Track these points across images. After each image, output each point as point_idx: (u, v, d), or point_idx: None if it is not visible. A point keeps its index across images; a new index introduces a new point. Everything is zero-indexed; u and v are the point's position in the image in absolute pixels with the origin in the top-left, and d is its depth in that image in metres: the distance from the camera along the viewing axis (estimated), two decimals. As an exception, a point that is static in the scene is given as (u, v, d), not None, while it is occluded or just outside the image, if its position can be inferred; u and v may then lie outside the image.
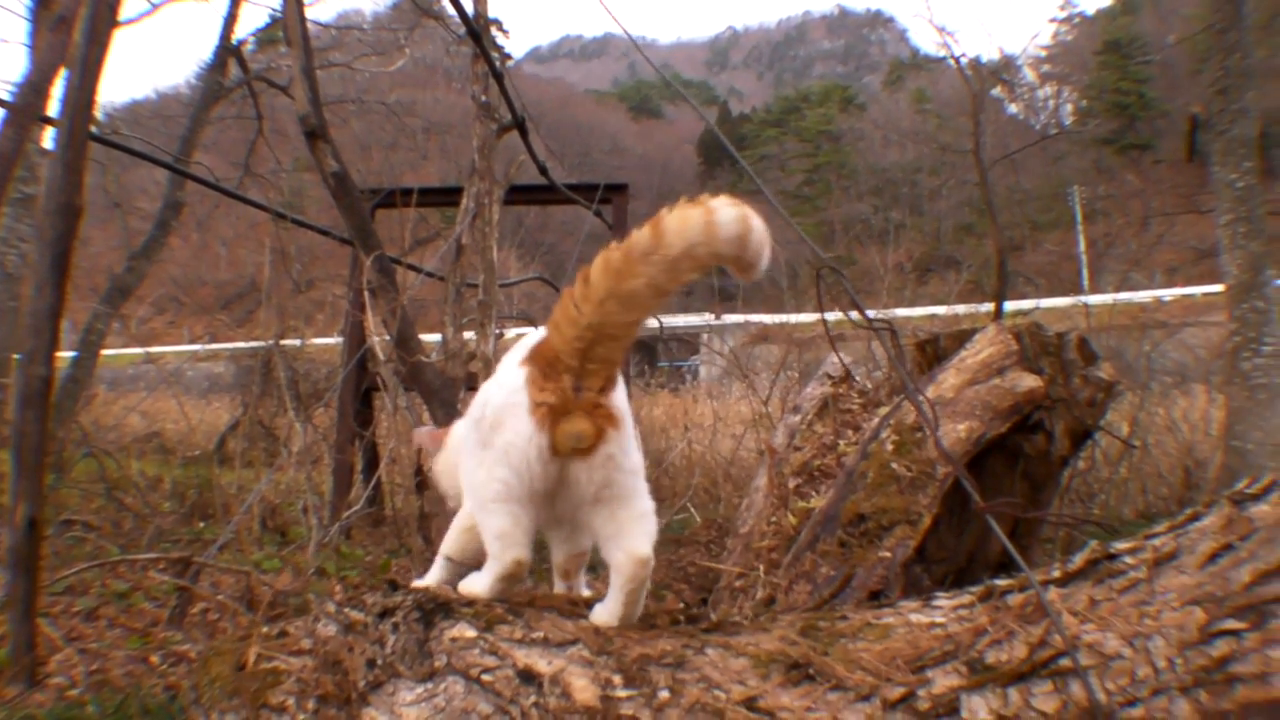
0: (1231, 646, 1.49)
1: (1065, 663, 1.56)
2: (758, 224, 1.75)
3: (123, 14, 3.98)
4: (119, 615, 4.18)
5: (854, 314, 2.68)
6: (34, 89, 6.32)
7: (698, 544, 5.15)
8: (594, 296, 1.80)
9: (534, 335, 2.07)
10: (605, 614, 1.96)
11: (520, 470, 1.89)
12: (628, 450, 1.97)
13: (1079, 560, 1.79)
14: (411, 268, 7.45)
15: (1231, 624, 1.51)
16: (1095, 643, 1.58)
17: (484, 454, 1.95)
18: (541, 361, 1.89)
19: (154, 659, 3.64)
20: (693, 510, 6.20)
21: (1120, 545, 1.77)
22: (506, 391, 1.92)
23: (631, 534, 1.97)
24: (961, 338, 3.48)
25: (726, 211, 1.71)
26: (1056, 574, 1.80)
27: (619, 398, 1.96)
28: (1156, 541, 1.74)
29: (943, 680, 1.60)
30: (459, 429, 2.34)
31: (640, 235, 1.75)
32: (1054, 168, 56.24)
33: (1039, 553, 3.22)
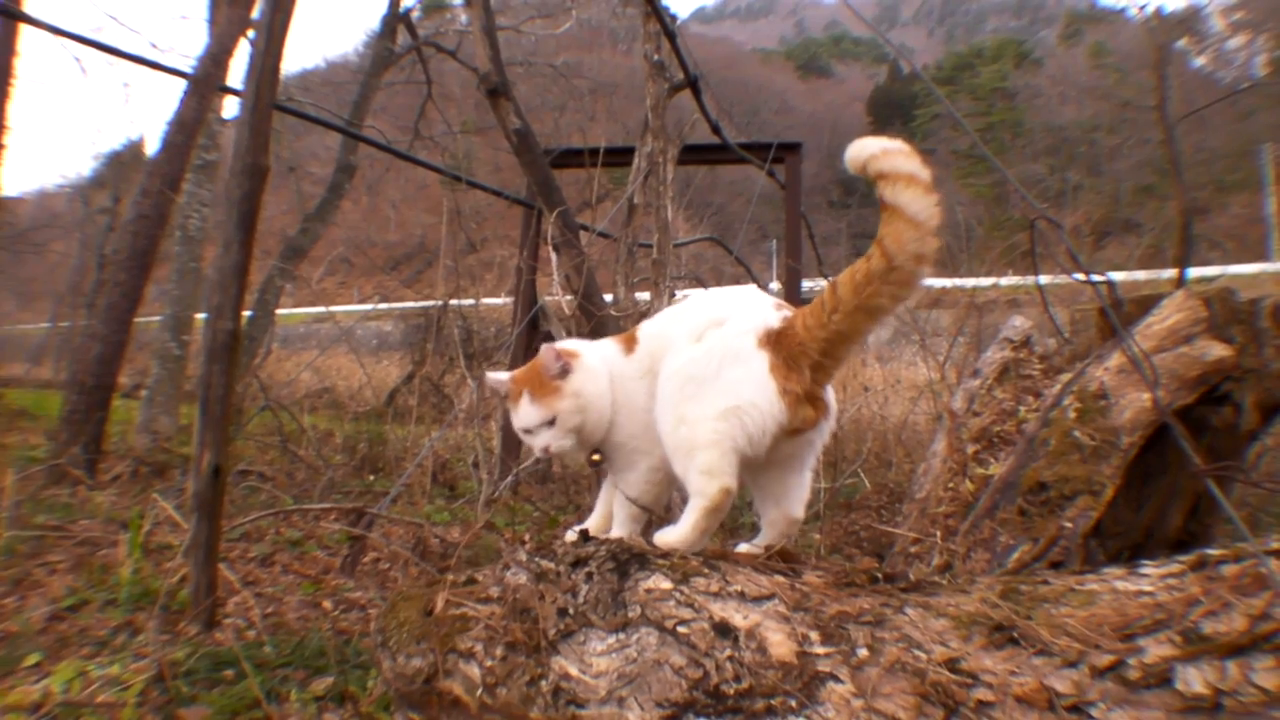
0: None
1: (1290, 637, 1.47)
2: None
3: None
4: (292, 562, 4.30)
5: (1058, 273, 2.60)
6: (214, 60, 6.52)
7: (869, 509, 5.08)
8: (844, 308, 2.12)
9: (704, 299, 2.43)
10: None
11: (755, 436, 2.13)
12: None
13: (1301, 532, 1.69)
14: (583, 227, 7.50)
15: None
16: (1320, 618, 1.48)
17: (700, 406, 2.17)
18: (785, 352, 2.16)
19: (326, 604, 3.75)
20: (862, 475, 6.11)
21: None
22: (754, 372, 2.15)
23: (793, 499, 2.34)
24: (1147, 303, 3.33)
25: (927, 209, 2.02)
26: (1275, 545, 1.68)
27: (830, 390, 2.28)
28: (1390, 516, 1.63)
29: (1155, 649, 1.54)
30: (613, 366, 2.52)
31: (874, 258, 2.07)
32: (1243, 124, 53.49)
33: (1220, 531, 3.08)
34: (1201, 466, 2.12)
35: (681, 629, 1.74)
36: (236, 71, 7.52)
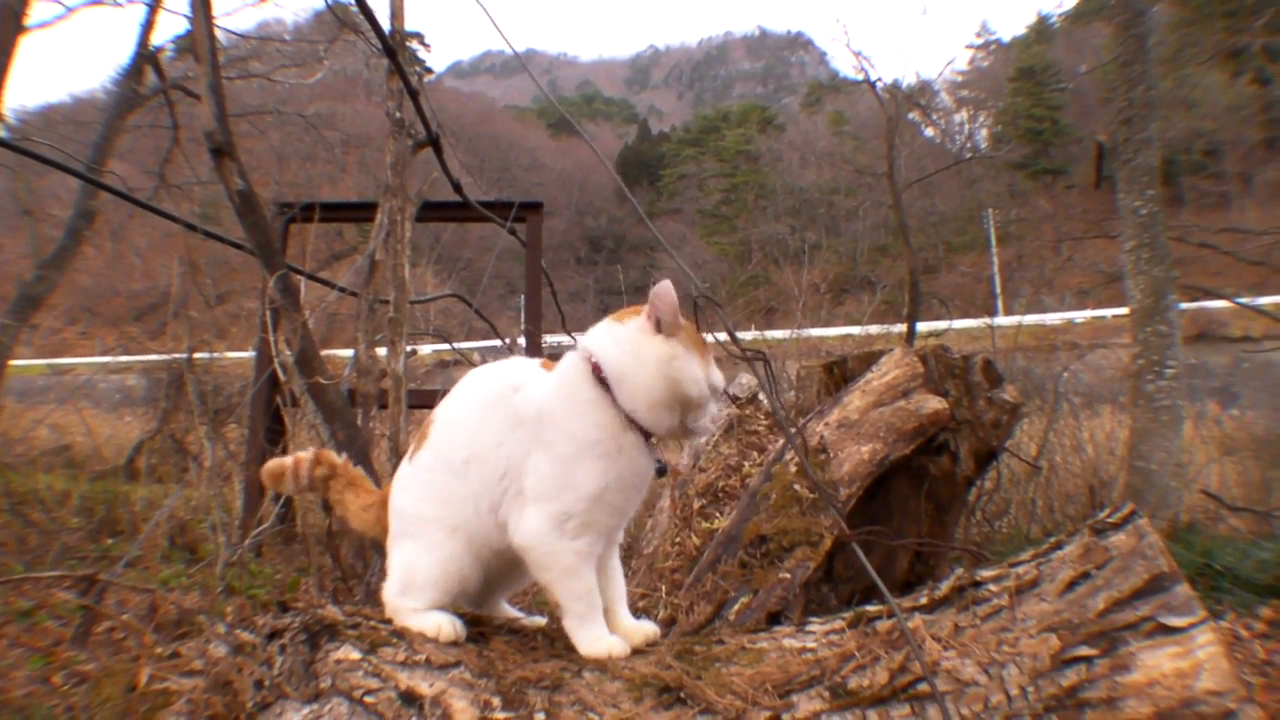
0: (1081, 675, 1.59)
1: (924, 688, 1.64)
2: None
3: (36, 17, 3.93)
4: (21, 634, 4.09)
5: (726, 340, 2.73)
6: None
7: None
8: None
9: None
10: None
11: None
12: None
13: (945, 587, 1.88)
14: (325, 283, 7.38)
15: (1084, 650, 1.61)
16: (953, 669, 1.66)
17: None
18: None
19: (56, 679, 3.58)
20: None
21: (986, 573, 1.87)
22: None
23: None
24: (869, 360, 3.51)
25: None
26: (924, 600, 1.87)
27: None
28: (1020, 569, 1.83)
29: (806, 705, 1.68)
30: None
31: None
32: (969, 191, 57.36)
33: (946, 570, 3.25)
34: (848, 533, 2.31)
35: (369, 698, 1.78)
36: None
